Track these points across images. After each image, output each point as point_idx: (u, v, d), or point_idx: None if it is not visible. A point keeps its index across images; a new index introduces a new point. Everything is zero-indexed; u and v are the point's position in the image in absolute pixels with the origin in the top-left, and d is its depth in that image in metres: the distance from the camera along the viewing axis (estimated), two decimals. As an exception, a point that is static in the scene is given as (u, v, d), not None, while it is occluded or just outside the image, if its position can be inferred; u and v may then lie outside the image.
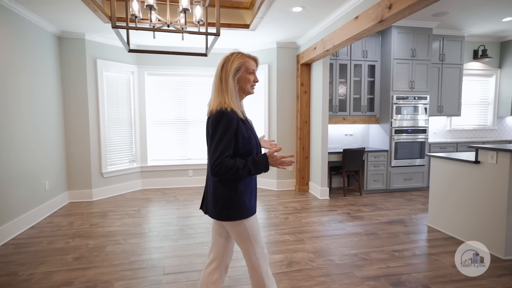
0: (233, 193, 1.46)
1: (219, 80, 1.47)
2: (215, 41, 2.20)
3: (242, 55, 1.49)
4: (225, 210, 1.46)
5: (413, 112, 5.05)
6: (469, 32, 5.43)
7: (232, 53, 1.51)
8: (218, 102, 1.44)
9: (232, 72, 1.45)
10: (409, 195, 4.91)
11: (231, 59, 1.48)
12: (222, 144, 1.37)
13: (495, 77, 6.04)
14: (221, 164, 1.36)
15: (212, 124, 1.41)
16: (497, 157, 2.71)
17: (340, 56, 5.02)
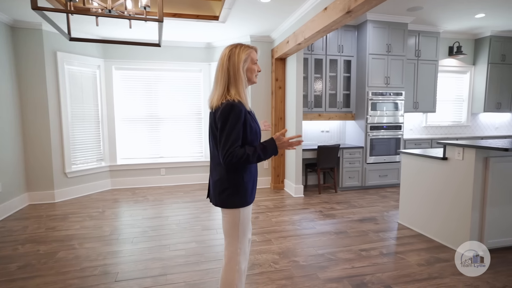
0: (240, 182, 1.53)
1: (226, 71, 1.48)
2: (161, 29, 2.03)
3: (246, 46, 1.52)
4: (229, 198, 1.53)
5: (389, 108, 5.01)
6: (444, 28, 5.42)
7: (235, 45, 1.52)
8: (223, 94, 1.47)
9: (241, 63, 1.48)
10: (383, 192, 4.87)
11: (236, 51, 1.50)
12: (232, 135, 1.42)
13: (469, 74, 6.09)
14: (233, 154, 1.41)
15: (221, 116, 1.42)
16: (463, 154, 2.65)
17: (315, 51, 4.91)
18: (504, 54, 5.83)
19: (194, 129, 5.67)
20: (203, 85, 5.58)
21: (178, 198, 4.62)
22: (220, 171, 1.54)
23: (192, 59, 5.46)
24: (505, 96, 5.94)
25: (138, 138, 5.43)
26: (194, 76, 5.58)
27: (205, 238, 3.12)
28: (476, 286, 2.19)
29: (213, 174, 1.61)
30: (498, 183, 2.63)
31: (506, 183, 2.65)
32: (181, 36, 4.98)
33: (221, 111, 1.43)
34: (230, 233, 1.58)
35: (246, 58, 1.51)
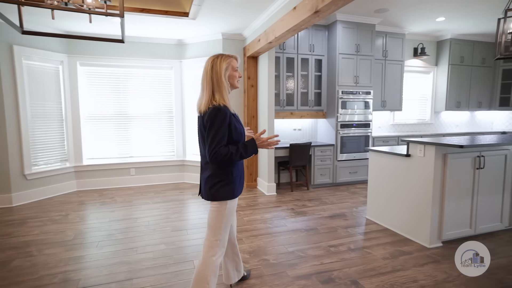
0: (229, 177, 1.71)
1: (210, 80, 1.65)
2: (123, 24, 1.94)
3: (227, 56, 1.71)
4: (218, 191, 1.69)
5: (358, 107, 5.15)
6: (409, 30, 5.65)
7: (217, 55, 1.70)
8: (210, 100, 1.64)
9: (223, 71, 1.66)
10: (354, 188, 5.01)
11: (218, 61, 1.67)
12: (218, 136, 1.60)
13: (432, 74, 6.40)
14: (217, 152, 1.59)
15: (209, 119, 1.60)
16: (425, 151, 2.77)
17: (287, 50, 4.94)
18: (463, 56, 6.19)
19: (166, 128, 5.53)
20: (174, 82, 5.44)
21: (148, 199, 4.49)
22: (211, 168, 1.71)
23: (163, 56, 5.31)
24: (464, 96, 6.31)
25: (106, 137, 5.21)
26: (165, 74, 5.43)
27: (175, 239, 3.04)
28: (435, 276, 2.31)
29: (204, 171, 1.76)
30: (455, 178, 2.78)
31: (461, 178, 2.81)
32: (151, 32, 4.83)
33: (208, 114, 1.61)
34: (214, 224, 1.74)
35: (227, 67, 1.68)
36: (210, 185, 1.70)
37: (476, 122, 6.99)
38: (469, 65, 6.26)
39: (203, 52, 5.19)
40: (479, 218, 2.95)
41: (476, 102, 6.43)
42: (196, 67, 5.33)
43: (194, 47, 5.28)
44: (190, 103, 5.47)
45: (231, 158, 1.61)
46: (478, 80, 6.37)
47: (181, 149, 5.58)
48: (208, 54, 5.11)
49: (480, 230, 2.98)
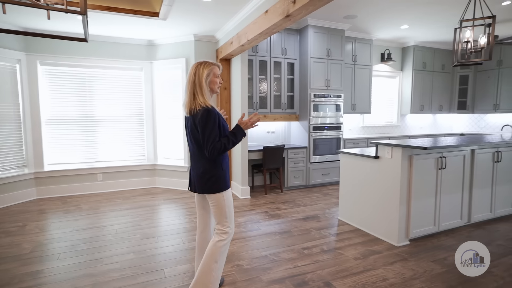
0: (220, 171, 1.90)
1: (193, 84, 1.84)
2: (85, 22, 1.82)
3: (209, 63, 1.89)
4: (213, 185, 1.89)
5: (330, 109, 5.27)
6: (376, 36, 5.89)
7: (201, 62, 1.89)
8: (195, 102, 1.81)
9: (204, 77, 1.84)
10: (326, 190, 5.11)
11: (200, 68, 1.86)
12: (212, 134, 1.79)
13: (398, 78, 6.71)
14: (214, 147, 1.79)
15: (202, 119, 1.78)
16: (392, 152, 2.88)
17: (260, 53, 4.95)
18: (425, 62, 6.54)
19: (136, 131, 5.32)
20: (144, 84, 5.26)
21: (117, 205, 4.29)
22: (203, 164, 1.90)
23: (133, 57, 5.12)
24: (426, 100, 6.67)
25: (70, 141, 4.91)
26: (135, 75, 5.24)
27: (145, 247, 2.92)
28: (403, 273, 2.39)
29: (196, 168, 1.94)
30: (420, 178, 2.91)
31: (426, 178, 2.95)
32: (120, 32, 4.64)
33: (200, 115, 1.79)
34: (219, 214, 1.93)
35: (209, 73, 1.86)
36: (205, 181, 1.89)
37: (438, 124, 7.41)
38: (431, 71, 6.64)
39: (174, 54, 5.07)
40: (442, 216, 3.10)
41: (438, 105, 6.82)
42: (167, 69, 5.19)
43: (165, 48, 5.14)
44: (162, 105, 5.31)
45: (225, 148, 1.82)
46: (439, 85, 6.77)
47: (152, 153, 5.40)
48: (180, 55, 5.00)
49: (443, 227, 3.14)
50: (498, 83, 6.38)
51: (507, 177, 3.56)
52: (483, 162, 3.34)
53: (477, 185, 3.31)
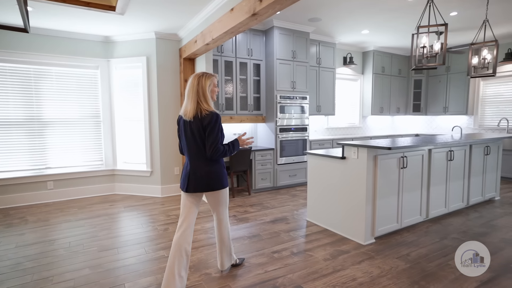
0: (222, 169, 2.18)
1: (196, 92, 2.03)
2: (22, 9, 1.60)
3: (210, 74, 2.12)
4: (218, 182, 2.14)
5: (296, 111, 5.31)
6: (339, 40, 6.07)
7: (202, 73, 2.09)
8: (200, 108, 2.02)
9: (207, 87, 2.06)
10: (294, 191, 5.13)
11: (203, 77, 2.07)
12: (218, 136, 2.03)
13: (360, 81, 6.98)
14: (217, 148, 2.03)
15: (210, 122, 1.99)
16: (358, 153, 2.93)
17: (225, 53, 4.84)
18: (384, 66, 6.89)
19: (92, 134, 4.93)
20: (101, 83, 4.90)
21: (71, 215, 3.92)
22: (209, 164, 2.11)
23: (87, 54, 4.74)
24: (385, 102, 7.02)
25: (13, 146, 4.41)
26: (90, 73, 4.86)
27: (103, 261, 2.67)
28: (371, 272, 2.42)
29: (199, 168, 2.10)
30: (384, 178, 3.00)
31: (389, 177, 3.05)
32: (71, 25, 4.27)
33: (210, 119, 2.00)
34: (219, 208, 2.29)
35: (210, 83, 2.09)
36: (208, 179, 2.11)
37: (395, 125, 7.84)
38: (389, 75, 7.00)
39: (134, 52, 4.78)
40: (404, 213, 3.23)
41: (395, 107, 7.21)
42: (126, 68, 4.89)
43: (124, 46, 4.83)
44: (121, 106, 4.99)
45: (225, 153, 2.08)
46: (396, 88, 7.16)
47: (110, 158, 5.04)
48: (140, 54, 4.74)
49: (405, 223, 3.27)
50: (447, 88, 6.90)
51: (458, 174, 3.82)
52: (439, 160, 3.54)
53: (434, 182, 3.50)
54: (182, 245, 2.10)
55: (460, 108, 6.68)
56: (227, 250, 2.40)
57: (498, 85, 6.32)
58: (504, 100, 6.25)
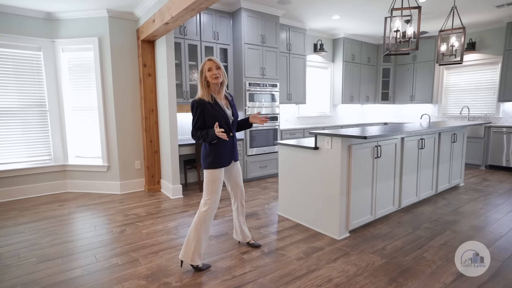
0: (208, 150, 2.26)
1: (199, 79, 2.22)
2: None
3: (203, 62, 2.21)
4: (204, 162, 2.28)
5: (265, 99, 5.05)
6: (309, 26, 5.85)
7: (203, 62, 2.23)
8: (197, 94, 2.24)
9: (199, 74, 2.21)
10: (264, 183, 4.92)
11: (201, 65, 2.21)
12: (194, 122, 2.22)
13: (330, 69, 6.86)
14: (194, 134, 2.23)
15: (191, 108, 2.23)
16: (332, 143, 2.74)
17: (189, 35, 4.43)
18: (354, 54, 6.81)
19: (36, 126, 4.34)
20: (45, 67, 4.29)
21: (9, 220, 3.40)
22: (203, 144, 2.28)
23: (26, 33, 4.10)
24: (355, 91, 6.98)
25: None
26: (32, 56, 4.23)
27: (41, 275, 2.27)
28: (347, 270, 2.26)
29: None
30: (358, 168, 2.85)
31: (363, 168, 2.91)
32: (2, -3, 3.63)
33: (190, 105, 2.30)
34: (205, 187, 2.25)
35: (202, 69, 2.19)
36: (202, 158, 2.27)
37: (365, 114, 7.88)
38: (359, 63, 6.94)
39: (83, 32, 4.22)
40: (377, 204, 3.12)
41: (365, 96, 7.20)
42: (75, 50, 4.31)
43: (71, 25, 4.25)
44: (71, 94, 4.42)
45: (199, 139, 2.19)
46: (366, 77, 7.14)
47: (60, 152, 4.48)
48: (91, 34, 4.19)
49: (379, 215, 3.17)
50: (413, 77, 6.99)
51: (428, 162, 3.80)
52: (411, 149, 3.47)
53: (406, 171, 3.44)
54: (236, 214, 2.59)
55: (426, 96, 6.80)
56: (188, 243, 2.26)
57: (460, 74, 6.49)
58: (465, 89, 6.44)
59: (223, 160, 2.25)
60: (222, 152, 2.24)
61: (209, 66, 2.16)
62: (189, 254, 2.21)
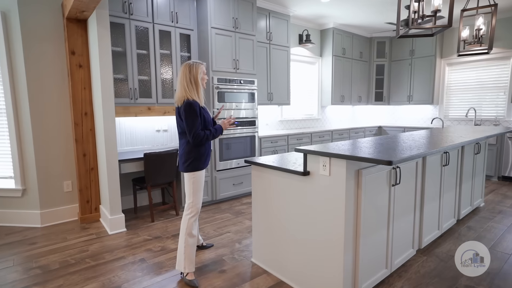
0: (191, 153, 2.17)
1: (189, 80, 2.11)
2: None
3: (199, 63, 2.18)
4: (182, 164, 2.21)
5: (239, 99, 4.02)
6: (294, 12, 4.89)
7: (193, 62, 2.16)
8: (185, 96, 2.09)
9: (199, 75, 2.14)
10: (238, 205, 3.89)
11: (194, 66, 2.14)
12: (195, 123, 2.08)
13: (318, 65, 5.92)
14: (197, 134, 2.09)
15: (185, 110, 2.06)
16: (330, 166, 1.75)
17: (136, 15, 3.35)
18: (344, 48, 5.90)
19: None
20: None
21: None
22: (181, 146, 2.23)
23: None
24: (347, 90, 6.07)
25: None
26: None
27: None
28: None
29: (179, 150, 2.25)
30: (369, 202, 1.87)
31: (376, 200, 1.94)
32: None
33: (183, 106, 2.07)
34: (188, 191, 2.21)
35: (201, 72, 2.17)
36: (183, 161, 2.18)
37: (356, 116, 6.99)
38: (350, 58, 6.04)
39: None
40: (394, 252, 2.16)
41: (357, 96, 6.31)
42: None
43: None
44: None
45: (207, 138, 2.14)
46: (358, 74, 6.25)
47: (-43, 171, 3.27)
48: (-8, 7, 3.02)
49: (396, 265, 2.21)
50: (411, 74, 6.16)
51: (451, 183, 2.89)
52: (433, 167, 2.54)
53: (428, 198, 2.50)
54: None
55: (425, 97, 5.98)
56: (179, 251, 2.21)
57: (464, 71, 5.70)
58: (470, 88, 5.66)
59: (207, 162, 2.26)
60: (207, 153, 2.25)
61: (204, 70, 2.20)
62: (182, 261, 2.18)
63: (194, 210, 2.19)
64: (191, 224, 2.17)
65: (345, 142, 2.15)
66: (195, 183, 2.17)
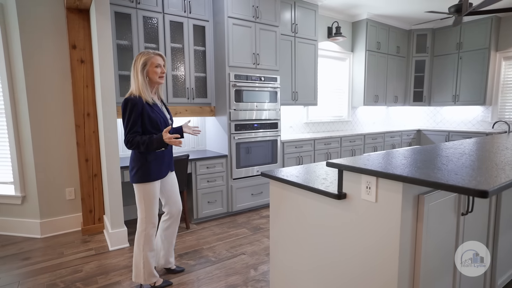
0: (139, 160, 1.89)
1: (133, 73, 1.87)
2: None
3: (147, 52, 1.89)
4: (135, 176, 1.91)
5: (260, 98, 3.57)
6: (322, 1, 4.36)
7: (140, 53, 1.90)
8: (129, 91, 1.88)
9: (140, 68, 1.85)
10: (257, 218, 3.42)
11: (138, 58, 1.87)
12: (129, 124, 1.82)
13: (348, 61, 5.33)
14: (130, 139, 1.83)
15: (121, 108, 1.83)
16: (377, 189, 1.24)
17: (144, 4, 3.00)
18: (379, 42, 5.27)
19: None
20: None
21: None
22: (131, 153, 1.96)
23: None
24: (381, 89, 5.43)
25: None
26: None
27: None
28: None
29: None
30: (432, 238, 1.33)
31: (440, 234, 1.39)
32: None
33: (122, 104, 1.84)
34: (137, 204, 1.95)
35: (145, 63, 1.86)
36: (130, 169, 1.93)
37: (391, 118, 6.29)
38: (385, 53, 5.39)
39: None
40: (461, 301, 1.59)
41: (393, 96, 5.64)
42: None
43: None
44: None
45: (139, 147, 1.82)
46: (394, 71, 5.58)
47: (-40, 174, 3.08)
48: (-10, -2, 2.78)
49: (462, 320, 1.64)
50: (457, 70, 5.39)
51: (528, 204, 2.24)
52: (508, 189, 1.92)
53: (502, 228, 1.89)
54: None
55: (476, 96, 5.19)
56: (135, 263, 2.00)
57: (525, 66, 4.87)
58: (533, 86, 4.82)
59: (161, 171, 1.96)
60: (160, 162, 1.94)
61: (158, 62, 1.90)
62: (141, 275, 1.98)
63: (150, 225, 1.97)
64: (146, 240, 1.96)
65: (395, 153, 1.62)
66: (145, 197, 1.90)
